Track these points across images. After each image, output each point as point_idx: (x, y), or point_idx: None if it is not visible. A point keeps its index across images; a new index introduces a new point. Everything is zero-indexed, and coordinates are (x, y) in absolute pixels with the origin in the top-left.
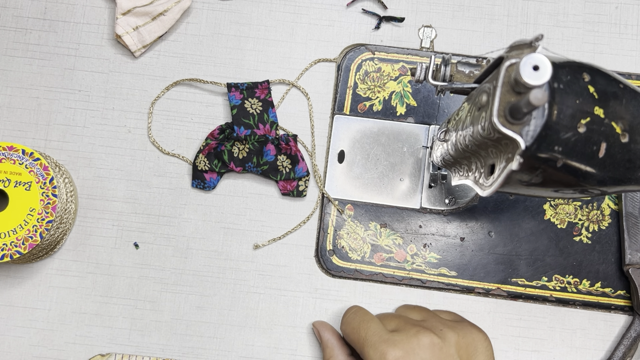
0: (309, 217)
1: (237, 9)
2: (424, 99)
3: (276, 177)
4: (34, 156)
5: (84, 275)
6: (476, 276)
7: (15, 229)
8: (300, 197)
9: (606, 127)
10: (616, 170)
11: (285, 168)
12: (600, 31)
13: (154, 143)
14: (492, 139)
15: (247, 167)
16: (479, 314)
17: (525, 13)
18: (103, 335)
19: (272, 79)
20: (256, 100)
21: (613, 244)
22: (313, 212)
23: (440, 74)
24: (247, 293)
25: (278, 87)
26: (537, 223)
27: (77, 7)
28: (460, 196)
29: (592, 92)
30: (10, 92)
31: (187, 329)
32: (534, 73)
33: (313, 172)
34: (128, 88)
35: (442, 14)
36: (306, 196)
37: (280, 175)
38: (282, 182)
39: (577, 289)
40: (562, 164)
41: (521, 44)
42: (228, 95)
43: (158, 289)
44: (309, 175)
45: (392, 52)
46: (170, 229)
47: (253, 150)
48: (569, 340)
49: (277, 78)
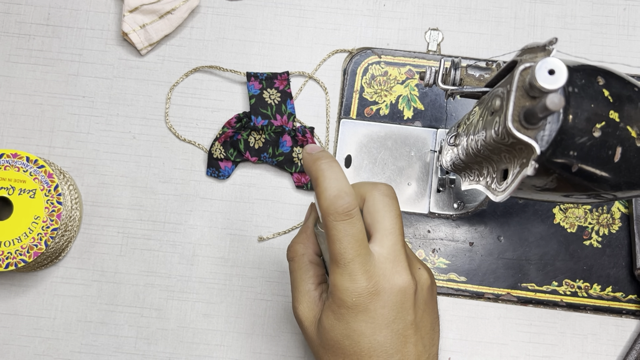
0: None
1: (242, 13)
2: (432, 103)
3: (291, 169)
4: (38, 163)
5: (89, 283)
6: (486, 281)
7: (19, 237)
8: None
9: (621, 131)
10: (632, 175)
11: (300, 160)
12: (609, 33)
13: (170, 129)
14: (505, 144)
15: (262, 158)
16: (488, 319)
17: (533, 15)
18: (109, 344)
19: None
20: (275, 90)
21: (624, 248)
22: None
23: (450, 78)
24: (254, 300)
25: (298, 79)
26: (546, 227)
27: (80, 12)
28: (469, 200)
29: (607, 95)
30: (14, 99)
31: (194, 337)
32: (549, 77)
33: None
34: (132, 94)
35: (448, 17)
36: None
37: (295, 167)
38: (297, 175)
39: (587, 294)
40: (577, 168)
41: (534, 47)
42: (247, 84)
43: (164, 296)
44: None
45: (398, 55)
46: (176, 236)
47: (269, 140)
48: (580, 346)
49: (296, 70)
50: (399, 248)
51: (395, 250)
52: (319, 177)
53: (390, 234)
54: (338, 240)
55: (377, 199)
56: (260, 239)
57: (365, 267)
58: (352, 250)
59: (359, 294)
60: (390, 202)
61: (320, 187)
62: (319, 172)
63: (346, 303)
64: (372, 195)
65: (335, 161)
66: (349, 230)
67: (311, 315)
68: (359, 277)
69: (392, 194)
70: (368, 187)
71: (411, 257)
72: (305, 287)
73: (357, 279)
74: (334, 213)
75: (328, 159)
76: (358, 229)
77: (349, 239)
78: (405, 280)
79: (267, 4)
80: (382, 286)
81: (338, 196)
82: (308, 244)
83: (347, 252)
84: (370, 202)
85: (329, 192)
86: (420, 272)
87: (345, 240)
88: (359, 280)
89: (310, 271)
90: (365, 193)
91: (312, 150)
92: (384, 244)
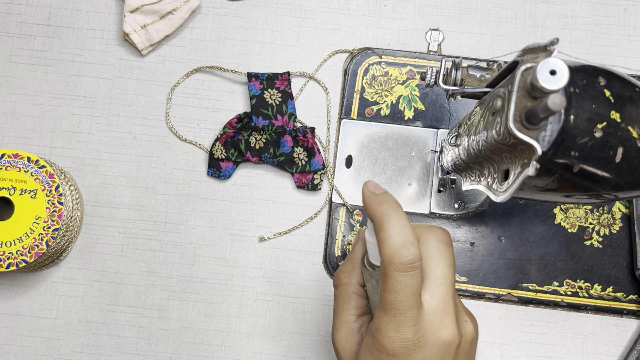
0: (316, 213)
1: (243, 13)
2: (432, 103)
3: (292, 169)
4: (39, 164)
5: (90, 283)
6: (486, 281)
7: (21, 237)
8: (315, 191)
9: (623, 132)
10: (633, 175)
11: (301, 160)
12: (609, 33)
13: (171, 129)
14: (507, 144)
15: (263, 158)
16: (489, 319)
17: (533, 15)
18: (110, 344)
19: (292, 70)
20: (276, 91)
21: (624, 248)
22: (322, 207)
23: (451, 78)
24: (255, 300)
25: (298, 80)
26: (547, 227)
27: (81, 12)
28: (469, 201)
29: (608, 96)
30: (15, 99)
31: (195, 337)
32: (551, 78)
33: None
34: (133, 94)
35: (449, 17)
36: (320, 190)
37: (296, 167)
38: (298, 175)
39: (588, 294)
40: (579, 169)
41: (535, 48)
42: (248, 84)
43: (165, 296)
44: (325, 168)
45: (399, 55)
46: (177, 236)
47: (270, 141)
48: (581, 346)
49: (297, 70)
50: (449, 299)
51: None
52: (384, 222)
53: (442, 284)
54: (395, 291)
55: (432, 244)
56: (261, 239)
57: (415, 320)
58: (407, 303)
59: (402, 345)
60: (446, 249)
61: (385, 233)
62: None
63: (387, 350)
64: (427, 240)
65: (400, 207)
66: (409, 283)
67: (347, 346)
68: (407, 329)
69: (448, 240)
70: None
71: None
72: (345, 317)
73: (404, 331)
74: (398, 264)
75: (394, 204)
76: (417, 282)
77: (407, 291)
78: (451, 335)
79: (268, 5)
80: (427, 339)
81: (404, 246)
82: (353, 274)
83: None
84: (425, 247)
85: (394, 240)
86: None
87: (403, 293)
88: (406, 332)
89: (352, 302)
90: (420, 236)
91: (375, 190)
92: (435, 294)
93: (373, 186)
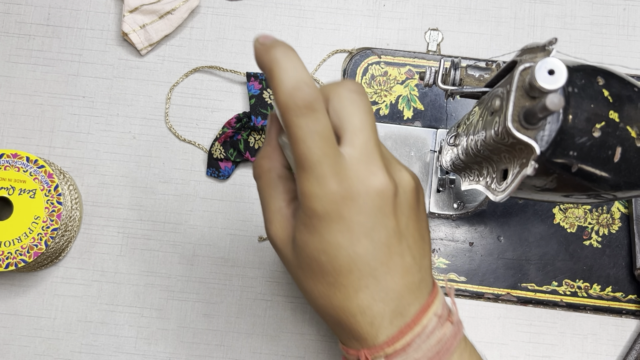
0: None
1: (242, 13)
2: (431, 103)
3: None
4: (38, 163)
5: (90, 283)
6: (486, 281)
7: (20, 237)
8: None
9: (621, 131)
10: (631, 175)
11: None
12: (608, 33)
13: (170, 129)
14: (505, 144)
15: None
16: (488, 319)
17: (533, 15)
18: (109, 344)
19: None
20: None
21: (623, 248)
22: None
23: (449, 78)
24: (254, 300)
25: None
26: (546, 227)
27: (80, 12)
28: (468, 200)
29: (607, 95)
30: (14, 99)
31: (194, 337)
32: (549, 77)
33: None
34: (132, 94)
35: (448, 17)
36: None
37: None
38: None
39: (587, 294)
40: (577, 169)
41: (534, 47)
42: (247, 84)
43: (164, 296)
44: None
45: (398, 55)
46: (176, 236)
47: None
48: (580, 346)
49: None
50: (372, 146)
51: (368, 148)
52: (273, 68)
53: (360, 132)
54: (301, 140)
55: (342, 95)
56: (260, 239)
57: (334, 168)
58: (318, 150)
59: (330, 200)
60: (359, 97)
61: (276, 79)
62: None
63: (317, 212)
64: (337, 93)
65: (291, 49)
66: (312, 127)
67: (285, 234)
68: (329, 180)
69: (359, 89)
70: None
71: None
72: (276, 204)
73: (327, 183)
74: (294, 107)
75: (283, 47)
76: (323, 124)
77: (313, 136)
78: (382, 182)
79: (267, 4)
80: (356, 189)
81: (297, 87)
82: (274, 157)
83: (312, 152)
84: (336, 101)
85: (286, 84)
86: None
87: (310, 139)
88: (329, 183)
89: (279, 186)
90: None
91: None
92: (355, 144)
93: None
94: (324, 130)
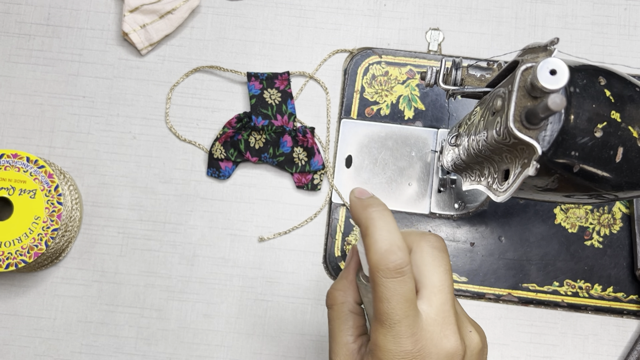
0: (316, 213)
1: (243, 13)
2: (432, 103)
3: (291, 169)
4: (38, 163)
5: (90, 283)
6: (487, 282)
7: (20, 237)
8: (315, 191)
9: (623, 132)
10: (633, 175)
11: (301, 160)
12: (609, 33)
13: (171, 129)
14: (507, 144)
15: (262, 158)
16: (489, 319)
17: (534, 15)
18: (109, 345)
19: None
20: (275, 90)
21: (625, 248)
22: (322, 207)
23: (451, 78)
24: (254, 300)
25: (298, 79)
26: (547, 227)
27: (80, 12)
28: (469, 201)
29: (609, 96)
30: (14, 99)
31: (194, 337)
32: (551, 77)
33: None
34: (132, 94)
35: (449, 17)
36: (320, 190)
37: (296, 167)
38: (297, 175)
39: (588, 294)
40: (579, 169)
41: (535, 47)
42: (247, 84)
43: (164, 297)
44: (325, 168)
45: (399, 55)
46: (177, 236)
47: (270, 141)
48: (581, 346)
49: (297, 70)
50: (449, 308)
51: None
52: (369, 226)
53: (439, 292)
54: (386, 299)
55: (425, 251)
56: (260, 239)
57: (412, 329)
58: (400, 311)
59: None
60: (440, 255)
61: (371, 238)
62: (370, 221)
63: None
64: (420, 247)
65: (387, 210)
66: (399, 290)
67: None
68: (405, 341)
69: (442, 246)
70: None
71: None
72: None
73: (403, 343)
74: (385, 269)
75: (380, 207)
76: (409, 288)
77: (398, 298)
78: (454, 345)
79: (267, 4)
80: (429, 351)
81: (390, 251)
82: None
83: (394, 313)
84: (418, 255)
85: (380, 244)
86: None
87: (394, 300)
88: (405, 344)
89: (349, 321)
90: (412, 244)
91: (361, 195)
92: (432, 303)
93: (359, 192)
94: (408, 293)
